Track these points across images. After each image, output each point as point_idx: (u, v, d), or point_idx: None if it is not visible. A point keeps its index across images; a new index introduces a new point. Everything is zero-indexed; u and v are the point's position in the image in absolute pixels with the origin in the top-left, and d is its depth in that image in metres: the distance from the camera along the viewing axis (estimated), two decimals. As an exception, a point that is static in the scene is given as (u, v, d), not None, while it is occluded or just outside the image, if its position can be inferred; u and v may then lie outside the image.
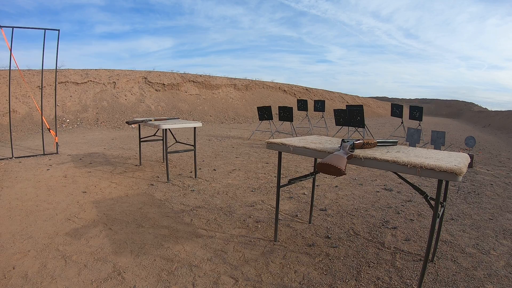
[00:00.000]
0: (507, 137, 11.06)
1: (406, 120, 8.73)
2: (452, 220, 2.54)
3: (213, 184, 3.39)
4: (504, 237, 2.24)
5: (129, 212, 2.50)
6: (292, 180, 2.00)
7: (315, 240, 2.12)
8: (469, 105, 35.16)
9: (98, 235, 2.08)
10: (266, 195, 3.06)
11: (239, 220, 2.42)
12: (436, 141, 5.46)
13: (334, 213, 2.63)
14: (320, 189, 3.33)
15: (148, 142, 5.61)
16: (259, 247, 2.00)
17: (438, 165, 1.25)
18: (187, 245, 1.98)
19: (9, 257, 1.75)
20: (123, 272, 1.66)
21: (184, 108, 11.80)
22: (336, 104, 20.95)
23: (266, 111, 7.65)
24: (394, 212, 2.69)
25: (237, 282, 1.61)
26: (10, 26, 3.99)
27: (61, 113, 8.49)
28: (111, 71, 11.07)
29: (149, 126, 3.49)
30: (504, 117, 16.41)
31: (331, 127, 11.15)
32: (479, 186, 3.66)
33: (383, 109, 27.55)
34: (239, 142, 6.85)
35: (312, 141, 1.90)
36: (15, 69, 4.44)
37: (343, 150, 1.48)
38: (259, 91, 16.40)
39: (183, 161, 4.53)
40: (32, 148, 5.18)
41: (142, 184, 3.31)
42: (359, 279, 1.65)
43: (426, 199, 1.50)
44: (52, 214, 2.41)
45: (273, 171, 4.06)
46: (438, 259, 1.89)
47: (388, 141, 1.73)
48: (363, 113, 7.25)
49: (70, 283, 1.55)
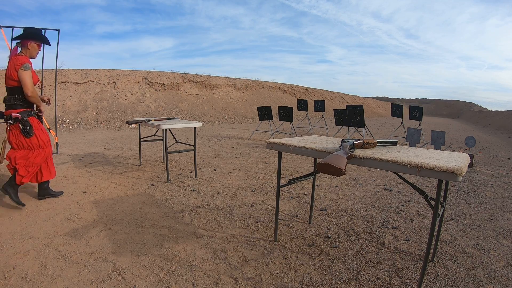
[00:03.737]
0: (507, 137, 11.06)
1: (406, 120, 8.73)
2: (452, 220, 2.54)
3: (213, 184, 3.39)
4: (504, 237, 2.24)
5: (129, 212, 2.50)
6: (292, 180, 2.00)
7: (315, 240, 2.12)
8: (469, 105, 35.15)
9: (98, 235, 2.08)
10: (266, 195, 3.06)
11: (239, 220, 2.42)
12: (436, 141, 5.47)
13: (334, 213, 2.63)
14: (320, 189, 3.33)
15: (148, 142, 5.61)
16: (259, 247, 2.00)
17: (438, 165, 1.25)
18: (187, 245, 1.98)
19: (9, 257, 1.75)
20: (123, 272, 1.66)
21: (184, 108, 11.80)
22: (336, 104, 20.96)
23: (266, 111, 7.65)
24: (394, 212, 2.69)
25: (237, 282, 1.61)
26: (10, 26, 3.99)
27: (61, 113, 8.49)
28: (111, 71, 11.07)
29: (149, 126, 3.49)
30: (504, 117, 16.41)
31: (331, 127, 11.15)
32: (479, 186, 3.66)
33: (383, 109, 27.55)
34: (239, 142, 6.85)
35: (312, 141, 1.90)
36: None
37: (343, 150, 1.48)
38: (259, 91, 16.40)
39: (183, 161, 4.54)
40: (32, 148, 5.17)
41: (142, 184, 3.31)
42: (359, 279, 1.65)
43: (426, 199, 1.50)
44: (52, 214, 2.41)
45: (273, 171, 4.06)
46: (438, 259, 1.89)
47: (388, 141, 1.73)
48: (363, 113, 7.25)
49: (70, 283, 1.54)
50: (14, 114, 2.38)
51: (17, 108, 2.42)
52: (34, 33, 2.48)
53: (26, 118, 2.42)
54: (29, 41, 2.44)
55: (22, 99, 2.44)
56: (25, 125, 2.41)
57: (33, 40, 2.46)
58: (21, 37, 2.45)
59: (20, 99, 2.43)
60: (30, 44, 2.45)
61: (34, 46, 2.48)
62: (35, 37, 2.47)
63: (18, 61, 2.34)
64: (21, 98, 2.43)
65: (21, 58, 2.36)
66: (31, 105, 2.52)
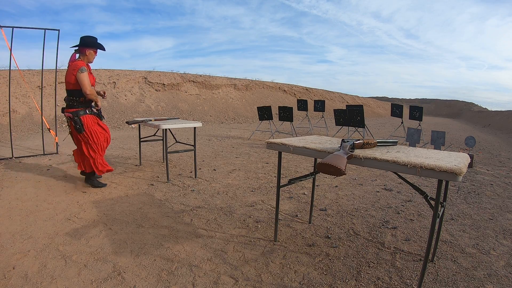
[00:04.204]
0: (507, 137, 11.06)
1: (406, 120, 8.73)
2: (452, 220, 2.54)
3: (213, 184, 3.39)
4: (504, 237, 2.24)
5: (129, 212, 2.50)
6: (292, 180, 2.00)
7: (315, 240, 2.12)
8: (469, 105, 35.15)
9: (98, 235, 2.08)
10: (266, 195, 3.06)
11: (239, 220, 2.42)
12: (436, 141, 5.46)
13: (334, 213, 2.63)
14: (320, 189, 3.33)
15: (148, 142, 5.60)
16: (259, 247, 2.00)
17: (438, 165, 1.25)
18: (187, 245, 1.98)
19: (9, 257, 1.75)
20: (123, 272, 1.66)
21: (184, 108, 11.80)
22: (336, 104, 20.95)
23: (266, 111, 7.65)
24: (394, 212, 2.69)
25: (237, 282, 1.61)
26: (10, 26, 3.99)
27: (61, 113, 8.49)
28: (111, 71, 11.07)
29: (149, 126, 3.49)
30: (504, 117, 16.41)
31: (331, 127, 11.15)
32: (479, 186, 3.66)
33: (383, 109, 27.55)
34: (239, 142, 6.85)
35: (312, 141, 1.90)
36: (15, 69, 4.44)
37: (343, 150, 1.48)
38: (259, 91, 16.40)
39: (183, 161, 4.53)
40: (32, 148, 5.18)
41: (142, 184, 3.31)
42: (359, 279, 1.65)
43: (426, 199, 1.50)
44: (52, 214, 2.41)
45: (273, 171, 4.06)
46: (438, 259, 1.89)
47: (388, 141, 1.73)
48: (363, 113, 7.25)
49: (70, 283, 1.55)
50: (67, 114, 2.85)
51: (73, 108, 2.84)
52: (91, 41, 2.83)
53: (78, 117, 2.83)
54: (86, 49, 2.81)
55: (77, 100, 2.84)
56: (76, 123, 2.82)
57: (90, 47, 2.83)
58: (79, 45, 2.81)
59: (75, 100, 2.84)
60: (88, 51, 2.83)
61: (91, 52, 2.86)
62: (92, 45, 2.85)
63: (75, 66, 2.72)
64: (76, 99, 2.84)
65: (78, 63, 2.74)
66: (86, 105, 2.90)
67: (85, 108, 2.89)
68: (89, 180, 3.07)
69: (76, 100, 2.84)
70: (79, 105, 2.85)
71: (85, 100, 2.87)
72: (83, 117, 2.86)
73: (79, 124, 2.83)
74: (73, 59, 2.83)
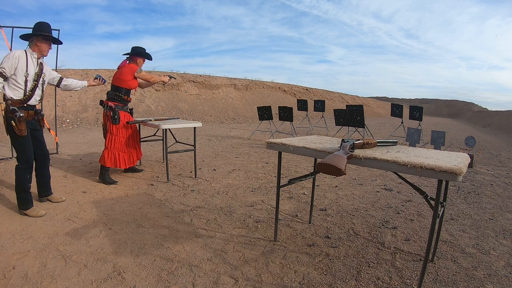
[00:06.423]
0: (507, 137, 11.07)
1: (406, 120, 8.73)
2: (452, 220, 2.54)
3: (213, 184, 3.39)
4: (504, 237, 2.24)
5: (129, 212, 2.50)
6: (292, 180, 1.99)
7: (315, 240, 2.12)
8: (469, 105, 35.17)
9: (98, 235, 2.08)
10: (266, 195, 3.06)
11: (239, 220, 2.42)
12: (436, 141, 5.46)
13: (334, 213, 2.63)
14: (320, 189, 3.33)
15: (148, 142, 5.60)
16: (259, 247, 2.00)
17: (438, 165, 1.25)
18: (187, 245, 1.98)
19: (9, 257, 1.75)
20: (123, 272, 1.66)
21: (184, 108, 11.80)
22: (336, 104, 20.95)
23: (266, 111, 7.65)
24: (394, 212, 2.69)
25: (237, 282, 1.61)
26: (10, 26, 3.99)
27: (61, 113, 8.49)
28: (111, 71, 11.07)
29: (149, 126, 3.49)
30: (504, 117, 16.41)
31: (331, 127, 11.15)
32: (479, 186, 3.66)
33: (383, 109, 27.55)
34: (239, 142, 6.85)
35: (312, 141, 1.90)
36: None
37: (343, 150, 1.48)
38: (259, 91, 16.40)
39: (183, 161, 4.54)
40: (32, 148, 5.17)
41: (142, 184, 3.31)
42: (359, 279, 1.65)
43: (426, 199, 1.50)
44: (52, 214, 2.41)
45: (273, 171, 4.06)
46: (438, 259, 1.89)
47: (388, 141, 1.73)
48: (363, 113, 7.25)
49: (70, 283, 1.54)
50: (111, 103, 3.24)
51: (115, 101, 3.28)
52: (141, 52, 3.39)
53: (117, 110, 3.25)
54: (137, 58, 3.38)
55: (120, 97, 3.30)
56: (114, 114, 3.23)
57: (140, 57, 3.40)
58: (131, 53, 3.38)
59: (118, 96, 3.29)
60: (138, 59, 3.39)
61: (140, 61, 3.43)
62: (142, 55, 3.40)
63: (133, 68, 3.29)
64: (119, 96, 3.29)
65: (134, 66, 3.31)
66: (124, 103, 3.35)
67: (124, 105, 3.34)
68: (101, 175, 3.29)
69: (120, 96, 3.29)
70: (121, 100, 3.31)
71: (126, 99, 3.35)
72: (120, 112, 3.29)
73: (117, 115, 3.24)
74: (124, 63, 3.37)
